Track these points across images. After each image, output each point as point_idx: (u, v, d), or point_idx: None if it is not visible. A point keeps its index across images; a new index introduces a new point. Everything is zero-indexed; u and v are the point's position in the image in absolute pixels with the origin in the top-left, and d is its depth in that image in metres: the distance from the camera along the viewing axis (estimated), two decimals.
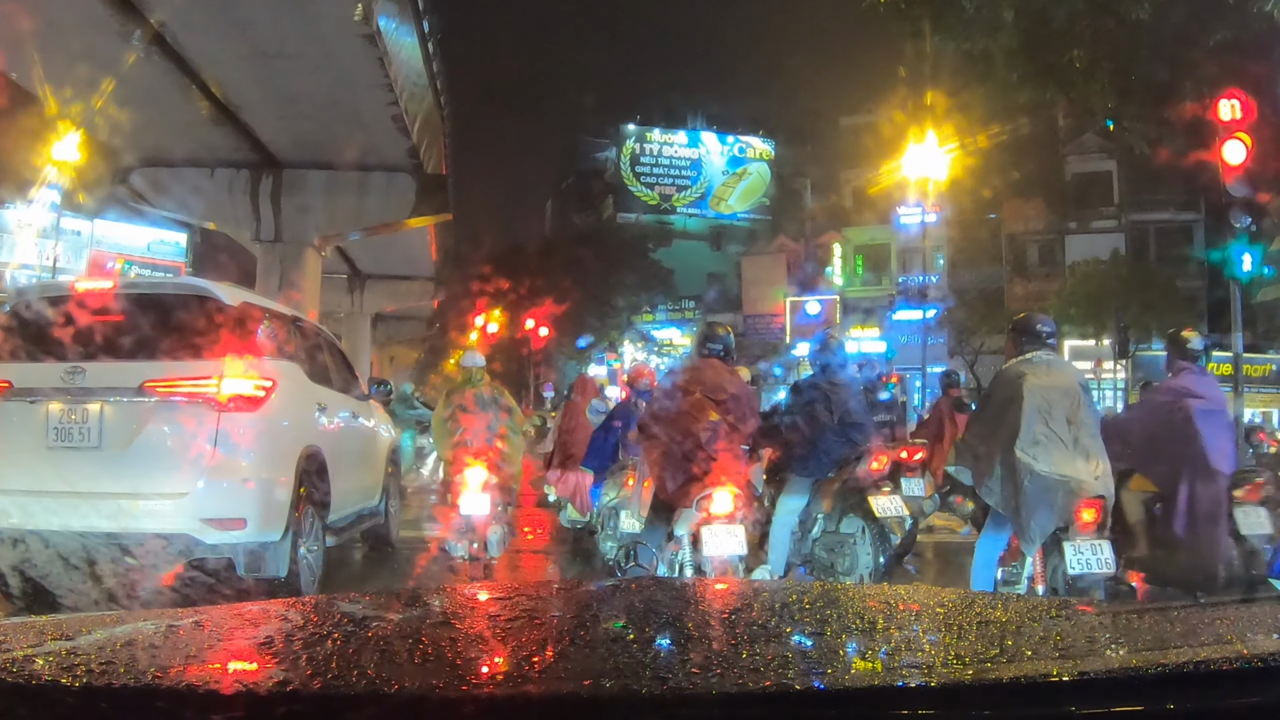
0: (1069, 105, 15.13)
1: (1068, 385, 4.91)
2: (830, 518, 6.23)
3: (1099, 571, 4.61)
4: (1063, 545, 4.61)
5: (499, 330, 40.75)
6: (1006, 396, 4.89)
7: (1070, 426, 4.69)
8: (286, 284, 19.49)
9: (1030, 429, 4.64)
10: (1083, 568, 4.57)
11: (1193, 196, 31.97)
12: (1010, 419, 4.72)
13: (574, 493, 8.47)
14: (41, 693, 1.03)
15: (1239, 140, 8.70)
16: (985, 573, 4.96)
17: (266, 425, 5.36)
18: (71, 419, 5.07)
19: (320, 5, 13.99)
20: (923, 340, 26.15)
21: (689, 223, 54.12)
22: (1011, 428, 4.68)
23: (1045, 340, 5.10)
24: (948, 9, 9.50)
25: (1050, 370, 4.95)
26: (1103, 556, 4.61)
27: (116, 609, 4.51)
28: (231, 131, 18.74)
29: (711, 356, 5.61)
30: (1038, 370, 4.89)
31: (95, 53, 14.31)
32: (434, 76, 19.86)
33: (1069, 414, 4.72)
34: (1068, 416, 4.71)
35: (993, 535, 4.98)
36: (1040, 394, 4.74)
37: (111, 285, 5.90)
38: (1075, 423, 4.71)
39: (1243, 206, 8.85)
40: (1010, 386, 4.89)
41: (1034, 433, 4.64)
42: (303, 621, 1.52)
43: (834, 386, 6.29)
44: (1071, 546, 4.60)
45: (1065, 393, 4.82)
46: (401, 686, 1.06)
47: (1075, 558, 4.57)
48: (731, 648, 1.28)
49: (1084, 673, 1.09)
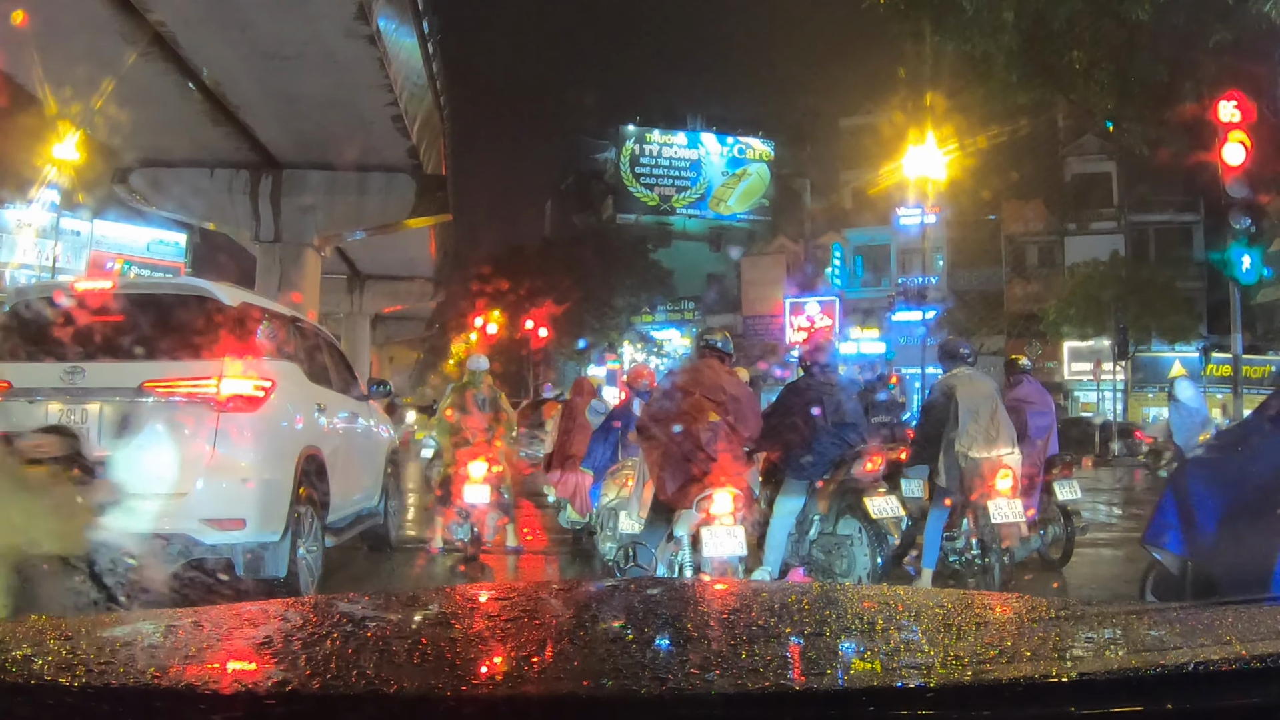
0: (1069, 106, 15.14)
1: (987, 392, 6.57)
2: (827, 519, 6.23)
3: (1014, 520, 6.23)
4: (987, 505, 6.23)
5: (498, 331, 40.77)
6: (943, 404, 6.56)
7: (990, 422, 6.39)
8: (286, 284, 19.50)
9: (964, 426, 6.36)
10: (1002, 518, 6.21)
11: (1192, 197, 32.03)
12: (950, 420, 6.43)
13: (573, 493, 8.47)
14: (41, 693, 1.03)
15: (1239, 141, 8.71)
16: (934, 538, 6.52)
17: (266, 425, 5.36)
18: (71, 419, 5.06)
19: (320, 5, 14.00)
20: (922, 341, 26.17)
21: (688, 223, 54.12)
22: (952, 426, 6.41)
23: (966, 360, 6.90)
24: (947, 10, 9.49)
25: (973, 381, 6.63)
26: (1015, 510, 6.26)
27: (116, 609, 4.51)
28: (231, 131, 18.75)
29: (711, 357, 5.62)
30: (964, 382, 6.59)
31: (95, 53, 14.33)
32: (434, 77, 19.87)
33: (990, 413, 6.41)
34: (990, 415, 6.40)
35: (937, 512, 6.57)
36: (968, 400, 6.42)
37: (111, 285, 5.90)
38: (993, 419, 6.41)
39: (1242, 207, 8.85)
40: (945, 396, 6.58)
41: (968, 428, 6.35)
42: (302, 621, 1.52)
43: (828, 387, 6.29)
44: (993, 504, 6.22)
45: (986, 398, 6.51)
46: (401, 687, 1.06)
47: (995, 511, 6.21)
48: (731, 648, 1.27)
49: (1083, 673, 1.09)
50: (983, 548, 6.50)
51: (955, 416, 6.40)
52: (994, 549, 6.38)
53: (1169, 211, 34.35)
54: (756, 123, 54.18)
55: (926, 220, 28.06)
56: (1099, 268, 30.46)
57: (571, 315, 41.22)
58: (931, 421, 6.75)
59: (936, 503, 6.62)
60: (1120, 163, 32.61)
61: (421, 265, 33.74)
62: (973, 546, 6.58)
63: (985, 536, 6.41)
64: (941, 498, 6.56)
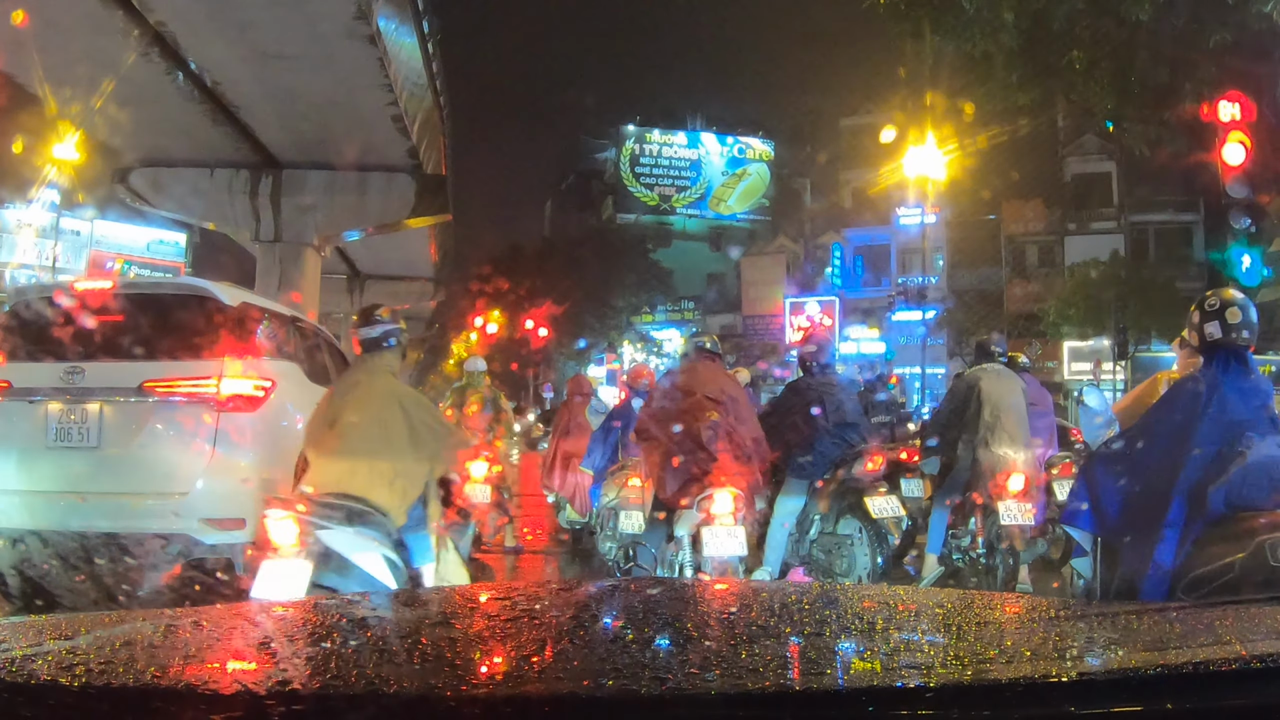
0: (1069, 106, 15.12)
1: (1013, 391, 6.54)
2: (827, 519, 6.22)
3: (1022, 523, 6.09)
4: (998, 505, 6.10)
5: (498, 331, 40.74)
6: (965, 393, 6.59)
7: (1011, 421, 6.35)
8: (286, 284, 19.49)
9: (985, 419, 6.36)
10: (1011, 520, 6.08)
11: (1192, 197, 31.98)
12: (970, 414, 6.45)
13: (573, 493, 8.47)
14: (41, 693, 1.03)
15: (1238, 141, 8.70)
16: (938, 533, 6.57)
17: (266, 425, 5.36)
18: (71, 419, 5.06)
19: (320, 5, 13.99)
20: (922, 341, 26.18)
21: (688, 223, 54.10)
22: (971, 420, 6.42)
23: (998, 357, 6.91)
24: (947, 10, 9.50)
25: (1000, 378, 6.60)
26: (1025, 512, 6.10)
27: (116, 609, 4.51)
28: (231, 131, 18.73)
29: (706, 359, 5.62)
30: (990, 376, 6.57)
31: (95, 53, 14.32)
32: (434, 77, 19.86)
33: (1011, 412, 6.38)
34: (1011, 414, 6.37)
35: (940, 508, 6.61)
36: (992, 394, 6.42)
37: (111, 285, 5.89)
38: (1015, 418, 6.38)
39: (1242, 208, 8.85)
40: (969, 387, 6.59)
41: (987, 422, 6.35)
42: (303, 621, 1.52)
43: (828, 387, 6.29)
44: (1004, 505, 6.08)
45: (1011, 395, 6.48)
46: (401, 686, 1.06)
47: (1006, 512, 6.08)
48: (731, 648, 1.27)
49: (1083, 673, 1.09)
50: (988, 547, 6.44)
51: (976, 409, 6.43)
52: (999, 549, 6.32)
53: (1169, 211, 34.31)
54: (756, 123, 54.15)
55: (926, 220, 28.07)
56: (1099, 268, 30.44)
57: (571, 315, 41.20)
58: (949, 409, 6.80)
59: (943, 493, 6.67)
60: (1120, 163, 32.57)
61: (421, 265, 33.72)
62: (978, 545, 6.52)
63: (992, 536, 6.38)
64: (948, 490, 6.62)
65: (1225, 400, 3.48)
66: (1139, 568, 3.45)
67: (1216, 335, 3.56)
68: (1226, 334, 3.55)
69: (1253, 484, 3.37)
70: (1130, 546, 3.60)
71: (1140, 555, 3.46)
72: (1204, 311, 3.60)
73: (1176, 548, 3.37)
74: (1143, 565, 3.43)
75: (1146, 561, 3.39)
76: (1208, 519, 3.35)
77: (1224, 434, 3.45)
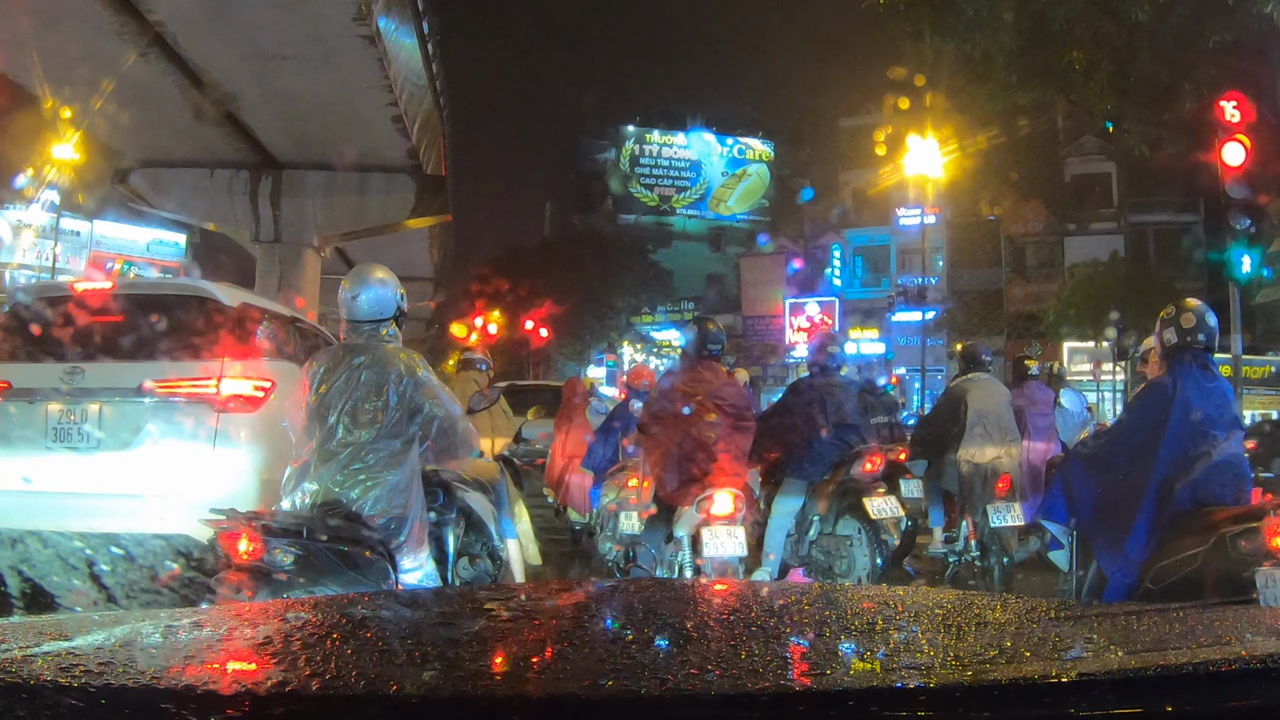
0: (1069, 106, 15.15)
1: (999, 399, 6.75)
2: (827, 519, 6.22)
3: (1012, 524, 6.33)
4: (987, 509, 6.35)
5: (499, 331, 40.72)
6: (950, 409, 6.78)
7: (996, 428, 6.56)
8: (286, 284, 19.51)
9: (971, 431, 6.54)
10: (1000, 522, 6.33)
11: (1192, 198, 32.01)
12: (958, 424, 6.61)
13: (570, 494, 8.46)
14: (40, 693, 1.03)
15: (1238, 142, 8.69)
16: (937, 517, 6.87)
17: (266, 426, 5.35)
18: (70, 419, 5.06)
19: (320, 6, 14.00)
20: (922, 342, 26.19)
21: (688, 224, 54.13)
22: (959, 430, 6.58)
23: (985, 366, 7.11)
24: (947, 10, 9.51)
25: (986, 387, 6.80)
26: (1014, 513, 6.35)
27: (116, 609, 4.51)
28: (231, 132, 18.74)
29: (711, 358, 5.61)
30: (976, 387, 6.75)
31: (95, 53, 14.33)
32: (434, 77, 19.87)
33: (996, 419, 6.59)
34: (996, 421, 6.57)
35: (936, 511, 6.91)
36: (979, 406, 6.59)
37: (110, 286, 5.89)
38: (999, 425, 6.59)
39: (1242, 208, 8.83)
40: (954, 401, 6.77)
41: (974, 434, 6.53)
42: (302, 621, 1.52)
43: (830, 388, 6.30)
44: (993, 508, 6.35)
45: (996, 404, 6.67)
46: (401, 687, 1.06)
47: (995, 515, 6.34)
48: (731, 648, 1.27)
49: (1083, 674, 1.08)
50: (982, 550, 6.61)
51: (964, 422, 6.58)
52: (993, 551, 6.45)
53: (1169, 211, 34.33)
54: (756, 123, 54.23)
55: (926, 220, 28.08)
56: (1099, 268, 30.44)
57: (571, 315, 41.17)
58: (936, 421, 7.02)
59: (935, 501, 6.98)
60: (1120, 163, 32.59)
61: (421, 266, 33.73)
62: (972, 549, 6.67)
63: (984, 539, 6.57)
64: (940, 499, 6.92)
65: (1189, 402, 3.74)
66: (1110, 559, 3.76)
67: (1174, 340, 3.88)
68: (1182, 338, 3.85)
69: (1217, 481, 3.66)
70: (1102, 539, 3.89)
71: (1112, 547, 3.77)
72: (1162, 320, 3.94)
73: (1145, 541, 3.65)
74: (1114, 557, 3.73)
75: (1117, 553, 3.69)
76: (1174, 514, 3.63)
77: (1190, 434, 3.71)
